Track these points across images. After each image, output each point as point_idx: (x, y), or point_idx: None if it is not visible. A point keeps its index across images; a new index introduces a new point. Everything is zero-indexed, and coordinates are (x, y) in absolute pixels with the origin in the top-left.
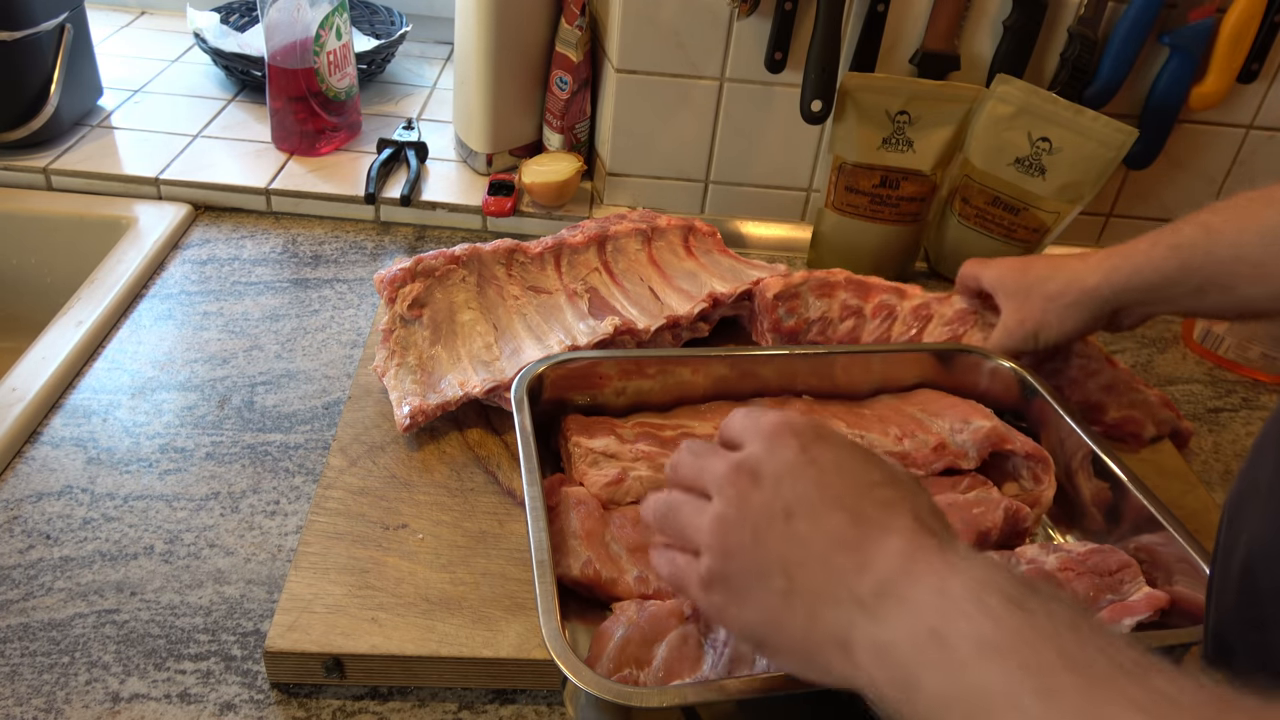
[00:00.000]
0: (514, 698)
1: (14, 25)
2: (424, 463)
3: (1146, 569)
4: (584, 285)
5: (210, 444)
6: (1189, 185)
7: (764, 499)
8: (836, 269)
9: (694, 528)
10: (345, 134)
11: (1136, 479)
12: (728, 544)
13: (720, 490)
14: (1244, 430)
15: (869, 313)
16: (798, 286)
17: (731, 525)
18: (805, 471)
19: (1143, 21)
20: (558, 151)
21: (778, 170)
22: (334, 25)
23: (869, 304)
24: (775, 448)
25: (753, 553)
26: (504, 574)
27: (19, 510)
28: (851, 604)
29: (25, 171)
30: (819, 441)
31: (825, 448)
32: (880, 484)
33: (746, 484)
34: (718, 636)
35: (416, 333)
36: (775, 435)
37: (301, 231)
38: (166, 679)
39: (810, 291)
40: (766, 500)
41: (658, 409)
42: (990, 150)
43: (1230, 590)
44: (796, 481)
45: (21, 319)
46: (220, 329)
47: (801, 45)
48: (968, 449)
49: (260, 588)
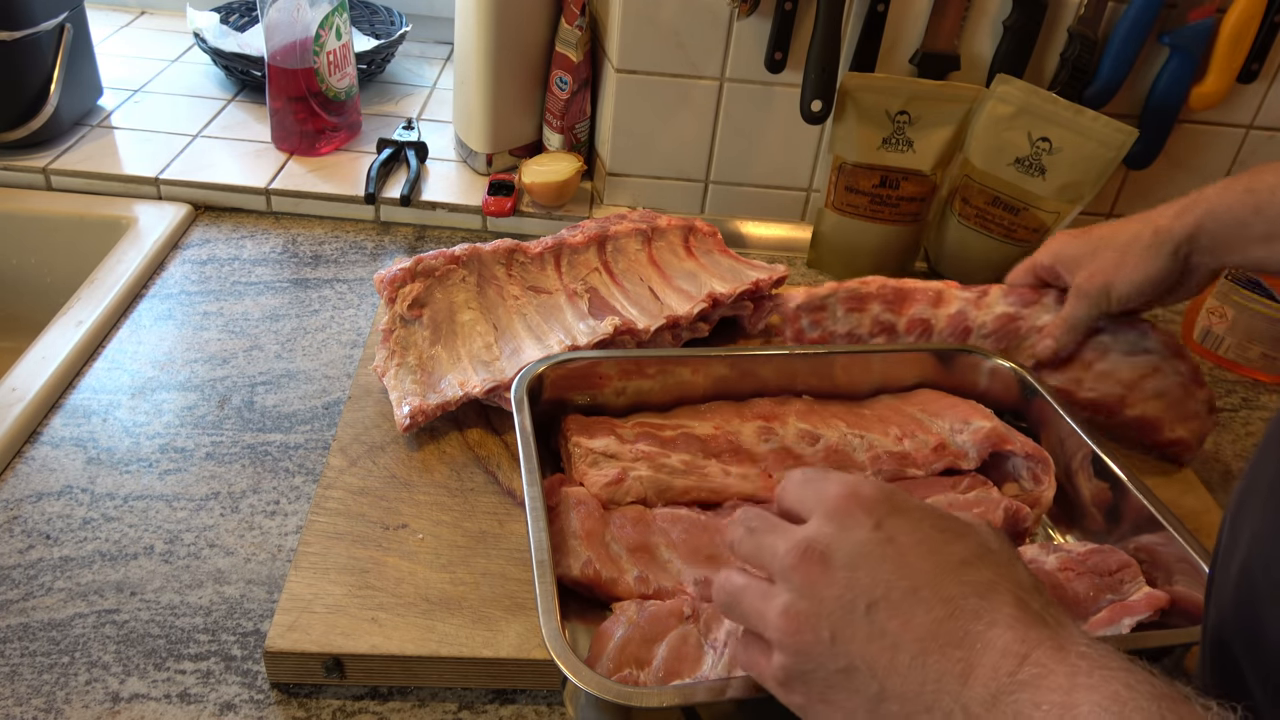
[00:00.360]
0: (514, 698)
1: (14, 25)
2: (424, 463)
3: (1146, 569)
4: (584, 285)
5: (210, 444)
6: (1189, 185)
7: (838, 590)
8: (871, 277)
9: (760, 618)
10: (345, 134)
11: (1136, 479)
12: (802, 642)
13: (786, 577)
14: (1244, 430)
15: (903, 328)
16: (825, 299)
17: (805, 621)
18: (883, 553)
19: (1143, 21)
20: (558, 151)
21: (778, 170)
22: (334, 25)
23: (903, 318)
24: (846, 525)
25: (831, 651)
26: (504, 574)
27: (19, 510)
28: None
29: (25, 171)
30: (894, 515)
31: (901, 522)
32: (971, 561)
33: (816, 571)
34: (718, 637)
35: (416, 333)
36: (844, 511)
37: (301, 231)
38: (166, 679)
39: (840, 304)
40: (840, 591)
41: (658, 409)
42: (990, 150)
43: (1229, 588)
44: (875, 567)
45: (21, 319)
46: (220, 329)
47: (801, 45)
48: (968, 449)
49: (260, 588)
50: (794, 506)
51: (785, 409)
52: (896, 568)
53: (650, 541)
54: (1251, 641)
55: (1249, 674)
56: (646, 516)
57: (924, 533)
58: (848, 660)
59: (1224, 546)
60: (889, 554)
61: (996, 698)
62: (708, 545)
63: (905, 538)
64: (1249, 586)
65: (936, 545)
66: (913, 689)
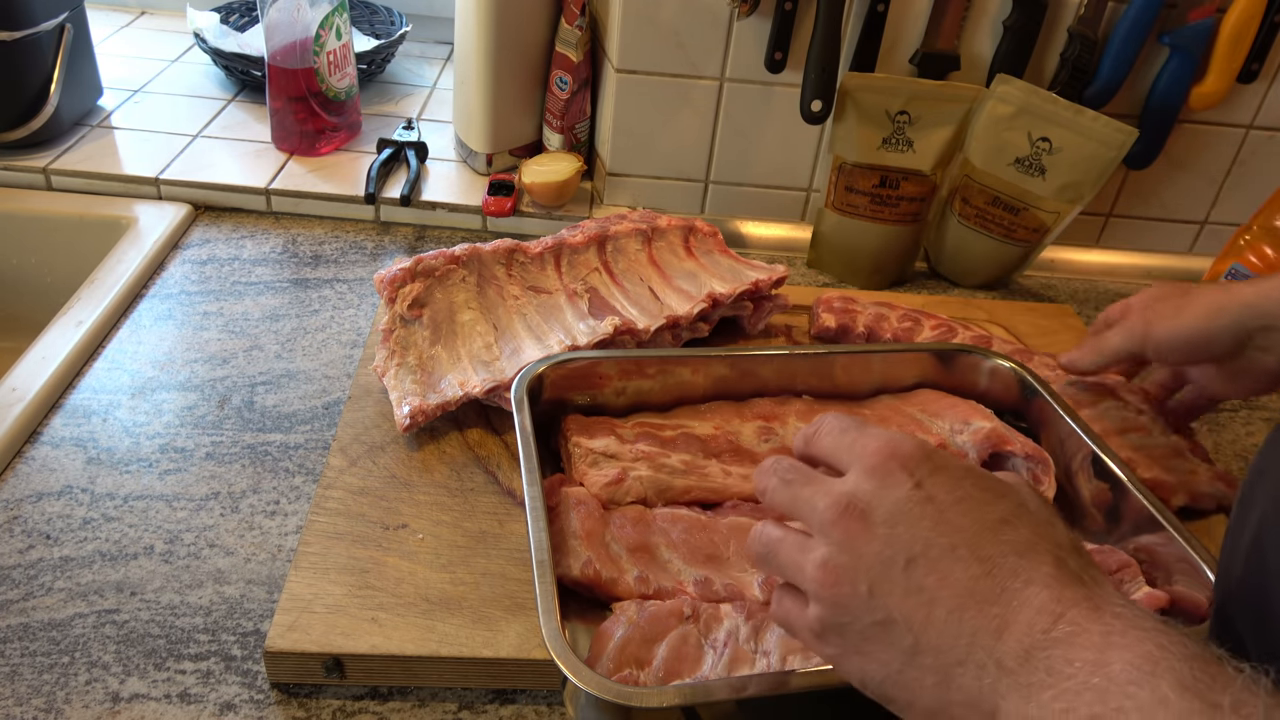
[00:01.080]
0: (514, 698)
1: (14, 25)
2: (424, 463)
3: (1146, 569)
4: (584, 285)
5: (210, 444)
6: (1189, 185)
7: (878, 546)
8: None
9: (797, 570)
10: (345, 134)
11: (1136, 479)
12: (839, 594)
13: (825, 532)
14: (1244, 430)
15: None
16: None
17: (843, 574)
18: (922, 511)
19: (1143, 21)
20: (558, 151)
21: (778, 170)
22: (334, 25)
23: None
24: (886, 483)
25: (869, 605)
26: (504, 574)
27: (19, 510)
28: (994, 668)
29: (25, 171)
30: (934, 474)
31: (941, 480)
32: (1009, 519)
33: (856, 527)
34: (718, 637)
35: (416, 333)
36: (884, 468)
37: (301, 231)
38: (166, 679)
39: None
40: (880, 548)
41: (658, 409)
42: (990, 150)
43: (1238, 564)
44: (914, 525)
45: (21, 319)
46: (220, 329)
47: (801, 45)
48: (968, 450)
49: (260, 588)
50: (828, 456)
51: (785, 409)
52: (935, 525)
53: (650, 541)
54: (1258, 619)
55: (1253, 652)
56: (646, 516)
57: (964, 491)
58: (885, 613)
59: (1234, 522)
60: (928, 512)
61: (1030, 653)
62: (708, 545)
63: (945, 496)
64: (1259, 564)
65: (976, 504)
66: (947, 642)
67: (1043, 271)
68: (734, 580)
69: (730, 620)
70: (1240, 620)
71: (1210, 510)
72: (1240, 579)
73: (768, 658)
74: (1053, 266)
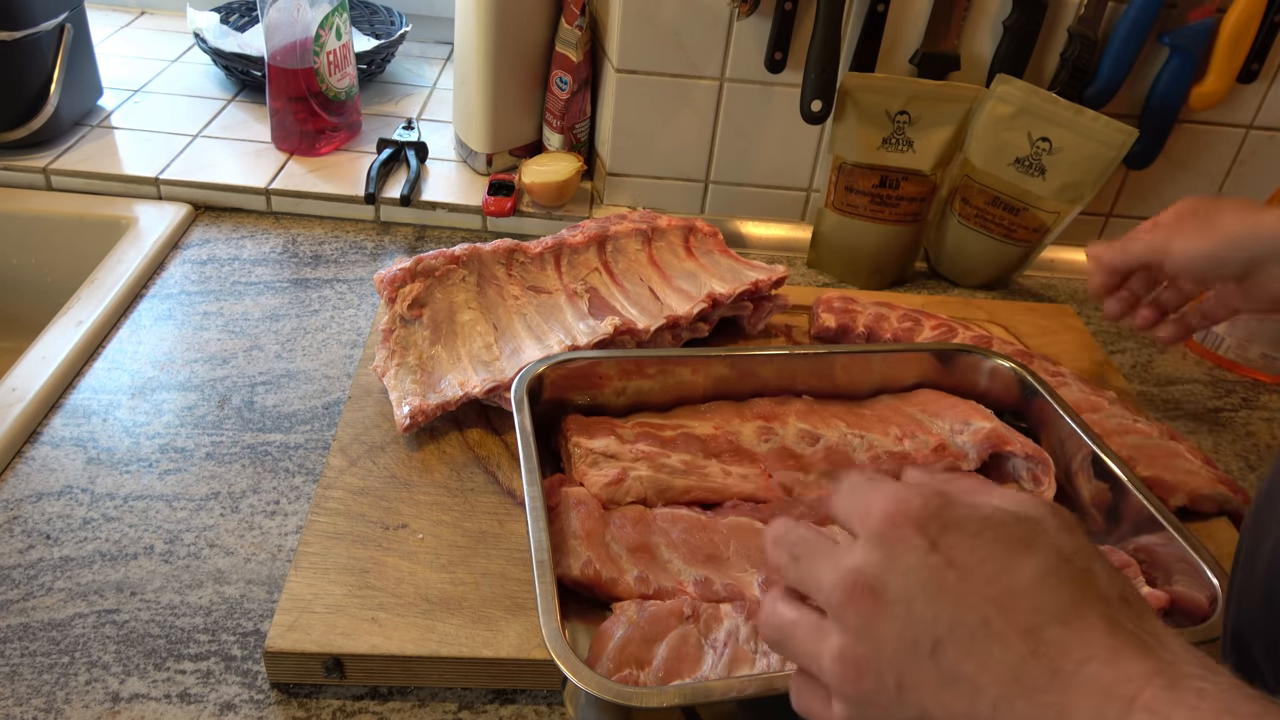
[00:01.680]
0: (514, 698)
1: (14, 25)
2: (424, 463)
3: (1146, 569)
4: (584, 285)
5: (210, 444)
6: (1189, 185)
7: (897, 628)
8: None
9: (813, 661)
10: (345, 134)
11: (1136, 479)
12: (863, 692)
13: (837, 615)
14: (1244, 430)
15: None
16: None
17: (864, 666)
18: (941, 581)
19: (1143, 21)
20: (558, 151)
21: (778, 170)
22: (334, 25)
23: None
24: (895, 550)
25: (899, 701)
26: (504, 574)
27: (19, 510)
28: None
29: (25, 171)
30: (948, 531)
31: (958, 539)
32: (1044, 578)
33: (869, 606)
34: (718, 637)
35: (416, 333)
36: (892, 533)
37: (301, 231)
38: (166, 679)
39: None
40: (900, 629)
41: (658, 409)
42: (990, 150)
43: (1255, 588)
44: (935, 598)
45: (21, 319)
46: (220, 329)
47: (801, 45)
48: (968, 450)
49: (260, 588)
50: (842, 522)
51: (785, 409)
52: (959, 598)
53: (650, 541)
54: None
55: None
56: (646, 516)
57: (986, 549)
58: (919, 710)
59: (1248, 543)
60: (949, 581)
61: None
62: (708, 545)
63: (966, 558)
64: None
65: (1003, 564)
66: None
67: (1043, 271)
68: (734, 580)
69: (730, 620)
70: (1256, 647)
71: (1211, 513)
72: (1258, 602)
73: (768, 658)
74: (1053, 266)
